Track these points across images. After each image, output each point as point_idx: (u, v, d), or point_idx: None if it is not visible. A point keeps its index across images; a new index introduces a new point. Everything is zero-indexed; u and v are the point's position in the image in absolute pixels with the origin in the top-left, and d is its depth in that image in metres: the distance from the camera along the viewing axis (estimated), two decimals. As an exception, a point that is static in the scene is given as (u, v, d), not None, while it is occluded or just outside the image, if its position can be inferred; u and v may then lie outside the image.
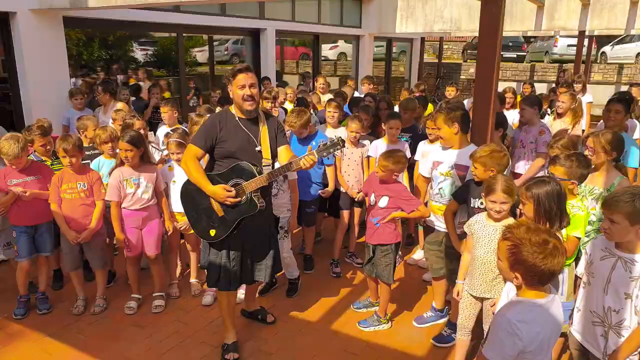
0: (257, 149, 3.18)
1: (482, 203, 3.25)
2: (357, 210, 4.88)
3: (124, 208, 3.90)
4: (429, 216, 3.75)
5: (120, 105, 6.09)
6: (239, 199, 3.12)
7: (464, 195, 3.44)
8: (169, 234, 4.17)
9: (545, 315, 1.89)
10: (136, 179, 3.86)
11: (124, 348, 3.57)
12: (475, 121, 4.06)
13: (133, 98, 7.27)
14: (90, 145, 4.57)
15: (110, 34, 8.74)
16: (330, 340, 3.69)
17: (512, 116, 6.14)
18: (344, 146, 2.97)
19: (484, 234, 3.02)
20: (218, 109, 5.48)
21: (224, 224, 3.19)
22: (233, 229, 3.19)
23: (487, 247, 2.99)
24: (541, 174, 4.60)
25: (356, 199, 4.73)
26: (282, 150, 3.28)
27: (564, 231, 2.79)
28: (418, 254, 5.06)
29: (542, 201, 2.63)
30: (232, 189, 3.10)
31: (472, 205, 3.36)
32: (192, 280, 4.40)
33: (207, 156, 3.32)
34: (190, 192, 3.26)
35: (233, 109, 3.23)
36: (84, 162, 4.07)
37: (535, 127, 4.85)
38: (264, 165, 3.17)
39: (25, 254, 3.92)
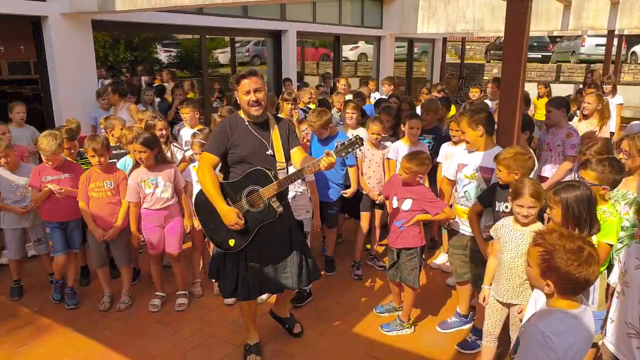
0: (269, 152, 3.12)
1: (507, 207, 3.21)
2: (378, 213, 4.86)
3: (145, 208, 3.97)
4: (454, 218, 3.70)
5: (131, 106, 6.13)
6: (240, 226, 3.04)
7: (489, 198, 3.39)
8: (187, 231, 4.22)
9: (579, 325, 1.82)
10: (154, 179, 3.92)
11: (149, 345, 3.63)
12: (501, 123, 4.00)
13: (158, 99, 7.38)
14: (117, 144, 4.66)
15: (136, 36, 8.91)
16: (352, 344, 3.68)
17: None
18: (362, 145, 2.90)
19: (511, 238, 2.97)
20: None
21: (243, 232, 3.10)
22: (253, 237, 3.12)
23: (514, 252, 2.94)
24: (568, 177, 4.52)
25: (377, 202, 4.72)
26: (295, 152, 3.21)
27: (594, 237, 2.73)
28: (441, 258, 5.00)
29: (571, 206, 2.57)
30: (242, 219, 3.04)
31: (497, 209, 3.31)
32: (208, 276, 4.44)
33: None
34: (205, 202, 3.13)
35: (242, 113, 3.18)
36: (110, 161, 4.15)
37: (562, 130, 4.75)
38: (278, 169, 3.10)
39: (60, 248, 4.07)
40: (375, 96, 8.20)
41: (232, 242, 3.13)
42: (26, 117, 5.49)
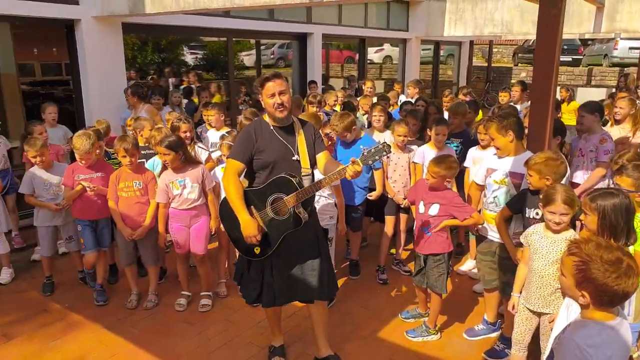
0: (295, 158, 3.02)
1: (538, 213, 3.14)
2: (403, 217, 4.81)
3: (173, 207, 4.02)
4: (483, 224, 3.64)
5: (150, 108, 6.17)
6: (257, 240, 2.98)
7: (519, 204, 3.32)
8: (213, 232, 4.25)
9: (616, 338, 1.77)
10: (181, 181, 3.96)
11: (174, 344, 3.67)
12: (532, 128, 3.92)
13: (185, 100, 7.49)
14: (146, 145, 4.74)
15: (163, 39, 9.05)
16: (377, 349, 3.65)
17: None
18: (389, 152, 2.82)
19: (542, 245, 2.90)
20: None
21: (268, 240, 3.03)
22: (278, 245, 3.04)
23: (545, 260, 2.88)
24: (601, 184, 4.41)
25: (402, 206, 4.67)
26: (320, 157, 3.12)
27: (630, 247, 2.64)
28: (468, 264, 4.93)
29: (608, 214, 2.50)
30: (262, 231, 2.99)
31: (527, 216, 3.24)
32: (233, 279, 4.47)
33: None
34: (230, 210, 3.05)
35: (267, 117, 3.08)
36: (139, 161, 4.21)
37: (596, 135, 4.62)
38: (303, 175, 3.00)
39: (91, 246, 4.18)
40: (402, 99, 8.14)
41: (257, 250, 3.06)
42: (58, 117, 5.64)
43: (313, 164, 3.12)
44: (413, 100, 7.17)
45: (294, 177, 2.93)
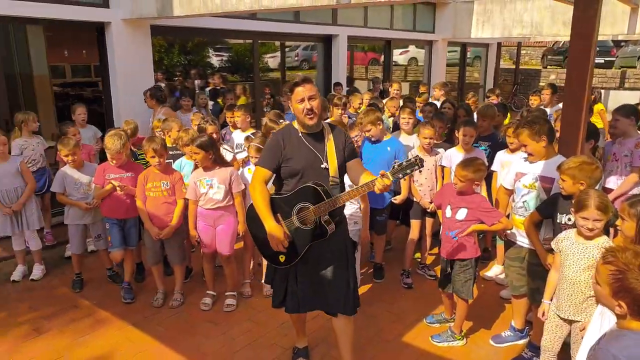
0: (323, 166, 2.90)
1: (570, 219, 3.06)
2: (429, 221, 4.75)
3: (200, 207, 4.05)
4: (512, 229, 3.57)
5: (167, 111, 6.19)
6: (283, 247, 2.88)
7: (549, 209, 3.24)
8: (240, 235, 4.27)
9: (655, 349, 1.70)
10: (209, 180, 3.99)
11: (200, 343, 3.70)
12: (564, 131, 3.83)
13: (211, 102, 7.57)
14: (173, 145, 4.80)
15: (190, 41, 9.16)
16: (401, 353, 3.61)
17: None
18: (422, 166, 2.66)
19: (573, 252, 2.84)
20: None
21: (293, 249, 2.94)
22: (303, 255, 2.95)
23: (576, 267, 2.81)
24: (635, 190, 4.27)
25: (428, 210, 4.61)
26: (351, 165, 3.00)
27: None
28: (494, 270, 4.84)
29: None
30: (288, 239, 2.89)
31: (558, 221, 3.16)
32: (264, 281, 4.48)
33: None
34: (257, 216, 2.97)
35: (296, 124, 2.99)
36: (166, 162, 4.26)
37: (631, 139, 4.48)
38: (331, 185, 2.88)
39: (117, 244, 4.25)
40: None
41: (282, 258, 2.99)
42: (87, 118, 5.77)
43: (343, 172, 3.02)
44: (439, 103, 7.09)
45: (321, 186, 2.83)
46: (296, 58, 11.68)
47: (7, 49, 6.12)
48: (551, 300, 2.99)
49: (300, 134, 2.94)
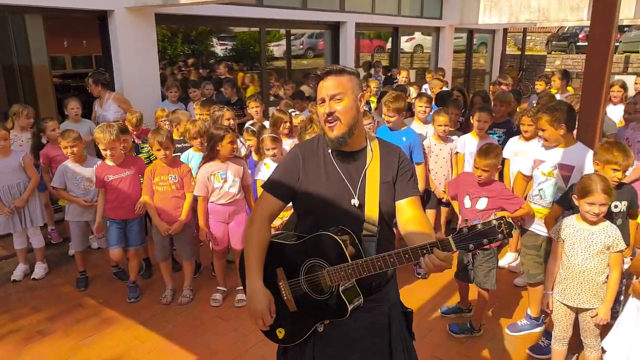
0: (354, 202, 1.94)
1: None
2: (443, 210, 4.66)
3: (211, 202, 3.92)
4: (534, 215, 3.50)
5: (117, 96, 5.91)
6: (264, 326, 2.00)
7: (569, 200, 3.14)
8: None
9: None
10: (223, 173, 3.87)
11: (210, 340, 3.60)
12: (583, 117, 3.73)
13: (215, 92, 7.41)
14: (181, 138, 4.68)
15: (193, 30, 9.00)
16: (417, 344, 3.46)
17: (617, 112, 5.60)
18: (506, 237, 1.64)
19: (579, 239, 2.82)
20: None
21: (296, 324, 2.01)
22: (309, 336, 1.99)
23: (585, 254, 2.80)
24: None
25: (443, 200, 4.51)
26: (405, 205, 1.98)
27: None
28: (507, 257, 4.78)
29: None
30: (272, 318, 1.98)
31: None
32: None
33: None
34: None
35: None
36: (174, 154, 4.15)
37: None
38: (364, 235, 1.90)
39: (114, 242, 4.10)
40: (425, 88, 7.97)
41: (280, 333, 2.06)
42: (83, 112, 5.51)
43: (391, 216, 2.01)
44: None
45: (345, 237, 1.86)
46: (301, 46, 11.51)
47: (5, 39, 5.95)
48: (553, 290, 3.00)
49: (329, 152, 2.02)
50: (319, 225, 1.92)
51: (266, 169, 4.07)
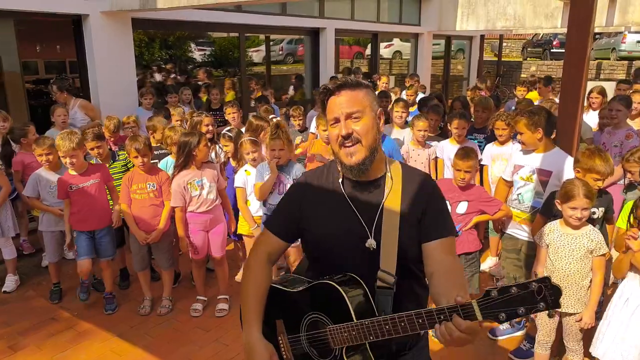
0: (369, 244, 1.60)
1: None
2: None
3: (191, 212, 3.84)
4: (512, 215, 3.55)
5: (82, 103, 5.79)
6: None
7: (552, 208, 3.17)
8: (231, 232, 4.10)
9: None
10: (199, 181, 3.79)
11: (191, 352, 3.52)
12: (561, 122, 3.79)
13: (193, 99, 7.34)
14: (158, 145, 4.58)
15: (171, 35, 8.91)
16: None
17: (592, 118, 5.72)
18: (552, 307, 1.22)
19: (563, 244, 2.85)
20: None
21: None
22: None
23: (568, 258, 2.83)
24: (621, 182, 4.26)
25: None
26: (434, 249, 1.60)
27: None
28: (488, 262, 4.80)
29: None
30: None
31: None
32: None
33: None
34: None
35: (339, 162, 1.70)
36: (151, 162, 4.05)
37: (622, 130, 4.49)
38: (379, 287, 1.56)
39: (83, 253, 3.90)
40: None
41: None
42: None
43: (417, 262, 1.64)
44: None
45: (354, 287, 1.54)
46: (280, 52, 11.50)
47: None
48: None
49: (340, 182, 1.70)
50: (326, 272, 1.62)
51: (247, 176, 3.97)
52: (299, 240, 1.81)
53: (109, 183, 4.06)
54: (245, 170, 3.99)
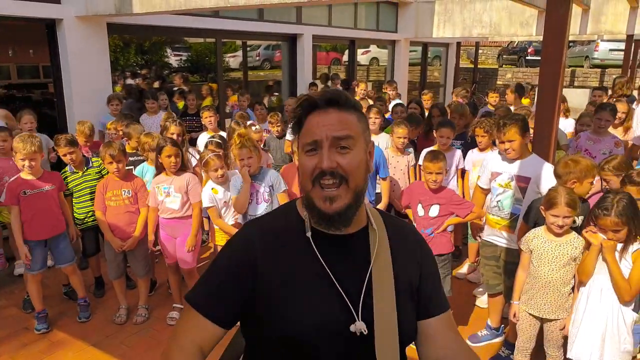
0: (355, 328, 1.15)
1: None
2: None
3: (159, 215, 3.81)
4: (484, 217, 3.60)
5: (5, 113, 5.45)
6: None
7: (534, 214, 3.18)
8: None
9: None
10: (167, 187, 3.74)
11: (168, 362, 3.45)
12: (538, 129, 3.84)
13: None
14: (133, 151, 4.50)
15: (147, 40, 8.80)
16: None
17: (566, 125, 5.83)
18: None
19: (546, 250, 2.88)
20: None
21: None
22: None
23: (551, 265, 2.85)
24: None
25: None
26: (436, 328, 1.29)
27: None
28: (465, 268, 4.84)
29: None
30: None
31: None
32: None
33: None
34: None
35: (301, 205, 1.27)
36: (127, 168, 3.98)
37: (607, 138, 4.58)
38: None
39: (37, 266, 3.73)
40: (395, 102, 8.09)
41: None
42: (37, 124, 5.13)
43: (409, 343, 1.27)
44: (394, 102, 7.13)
45: None
46: (257, 58, 11.46)
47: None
48: (520, 300, 3.04)
49: (308, 235, 1.21)
50: None
51: (214, 194, 3.77)
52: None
53: (61, 193, 3.92)
54: (212, 189, 3.78)
